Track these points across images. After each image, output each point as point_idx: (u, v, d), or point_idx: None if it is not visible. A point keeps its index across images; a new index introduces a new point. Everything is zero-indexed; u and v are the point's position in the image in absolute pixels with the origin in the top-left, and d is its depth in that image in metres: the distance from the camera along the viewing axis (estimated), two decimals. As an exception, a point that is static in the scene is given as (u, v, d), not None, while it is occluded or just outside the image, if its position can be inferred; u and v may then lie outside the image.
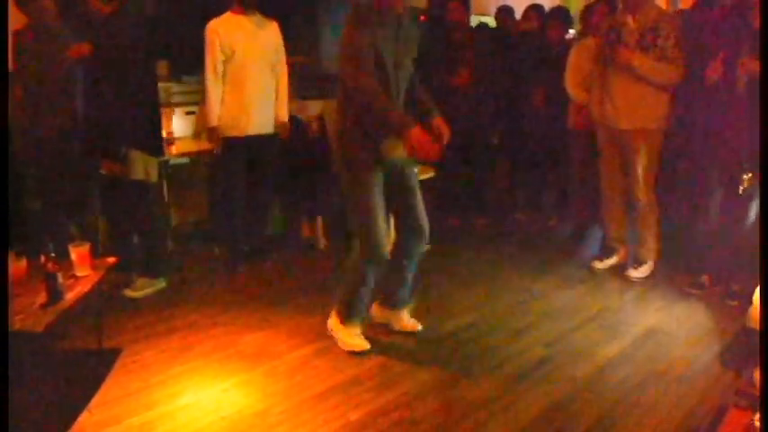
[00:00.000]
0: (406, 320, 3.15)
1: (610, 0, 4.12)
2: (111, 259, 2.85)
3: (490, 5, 6.30)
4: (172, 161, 4.31)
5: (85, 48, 3.32)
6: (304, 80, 5.04)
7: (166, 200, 4.29)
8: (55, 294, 2.38)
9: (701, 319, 3.29)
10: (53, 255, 2.43)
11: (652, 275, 3.80)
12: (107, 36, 3.30)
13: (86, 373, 2.73)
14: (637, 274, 3.81)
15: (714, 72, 3.25)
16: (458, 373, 2.75)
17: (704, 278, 3.60)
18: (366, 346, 2.92)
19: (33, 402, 2.29)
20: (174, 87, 4.53)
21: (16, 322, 2.23)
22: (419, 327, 3.13)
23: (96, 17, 3.31)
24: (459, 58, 4.63)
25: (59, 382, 2.58)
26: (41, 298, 2.38)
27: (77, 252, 2.63)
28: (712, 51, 3.29)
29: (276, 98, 3.95)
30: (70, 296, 2.45)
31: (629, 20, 3.54)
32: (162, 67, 4.48)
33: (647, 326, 3.21)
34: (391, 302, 3.12)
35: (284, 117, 3.99)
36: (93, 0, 3.28)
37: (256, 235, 4.14)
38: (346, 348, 2.92)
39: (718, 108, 3.31)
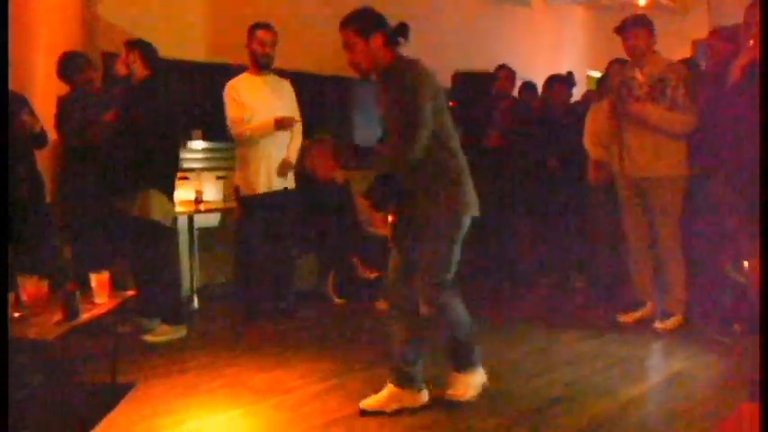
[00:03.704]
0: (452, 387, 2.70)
1: (623, 61, 4.25)
2: (130, 292, 2.93)
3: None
4: (200, 224, 4.49)
5: (113, 114, 3.66)
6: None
7: (195, 259, 4.44)
8: (71, 312, 2.46)
9: (731, 364, 3.13)
10: (72, 276, 2.53)
11: (681, 327, 3.66)
12: (141, 96, 3.58)
13: (96, 403, 2.73)
14: (664, 326, 3.67)
15: None
16: (469, 408, 2.65)
17: (736, 326, 3.46)
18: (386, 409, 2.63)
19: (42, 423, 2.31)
20: (207, 153, 4.78)
21: (30, 334, 2.30)
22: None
23: (133, 79, 3.61)
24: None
25: (67, 408, 2.60)
26: (58, 316, 2.46)
27: (98, 279, 2.72)
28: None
29: (288, 145, 4.02)
30: (85, 316, 2.52)
31: (638, 74, 3.65)
32: (197, 134, 4.76)
33: (674, 371, 3.08)
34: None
35: (291, 159, 4.03)
36: (132, 66, 3.60)
37: (282, 291, 4.17)
38: None
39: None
